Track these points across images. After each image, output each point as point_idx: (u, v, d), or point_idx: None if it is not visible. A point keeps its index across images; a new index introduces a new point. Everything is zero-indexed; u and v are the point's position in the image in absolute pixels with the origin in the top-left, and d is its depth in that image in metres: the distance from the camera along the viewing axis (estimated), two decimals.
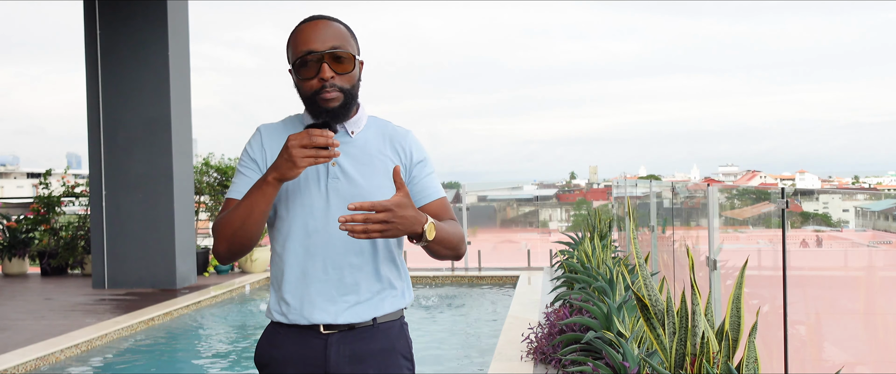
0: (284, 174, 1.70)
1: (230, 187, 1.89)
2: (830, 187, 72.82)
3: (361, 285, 1.85)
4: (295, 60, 1.79)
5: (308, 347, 1.85)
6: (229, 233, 1.78)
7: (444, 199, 1.94)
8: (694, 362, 2.76)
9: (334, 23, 1.83)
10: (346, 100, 1.80)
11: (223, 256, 1.83)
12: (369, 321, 1.86)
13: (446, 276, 9.42)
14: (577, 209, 17.36)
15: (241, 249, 1.81)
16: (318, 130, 1.68)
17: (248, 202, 1.75)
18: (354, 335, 1.85)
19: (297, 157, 1.66)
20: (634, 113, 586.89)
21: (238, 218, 1.76)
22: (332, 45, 1.77)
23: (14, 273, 10.47)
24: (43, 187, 10.77)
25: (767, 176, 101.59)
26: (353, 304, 1.85)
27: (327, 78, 1.76)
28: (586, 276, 5.69)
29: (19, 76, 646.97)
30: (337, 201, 1.83)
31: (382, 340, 1.88)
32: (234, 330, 6.94)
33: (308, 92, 1.79)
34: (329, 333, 1.85)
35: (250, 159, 1.89)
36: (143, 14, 8.66)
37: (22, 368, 5.24)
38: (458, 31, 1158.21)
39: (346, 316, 1.84)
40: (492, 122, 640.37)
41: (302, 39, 1.79)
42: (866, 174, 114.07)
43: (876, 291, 3.06)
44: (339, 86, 1.78)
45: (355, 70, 1.82)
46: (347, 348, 1.85)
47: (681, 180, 28.52)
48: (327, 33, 1.79)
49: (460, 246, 1.90)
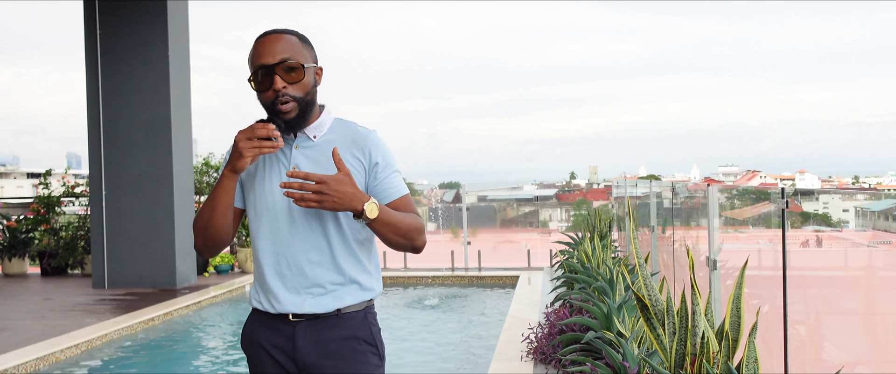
0: (234, 165, 1.90)
1: None
2: (830, 187, 72.82)
3: (323, 279, 2.00)
4: (251, 74, 1.94)
5: (280, 333, 2.03)
6: (200, 226, 2.00)
7: (406, 197, 2.04)
8: (694, 362, 2.76)
9: (285, 35, 1.95)
10: (300, 108, 1.94)
11: (200, 249, 2.05)
12: (333, 311, 2.01)
13: (446, 276, 9.42)
14: (577, 209, 17.36)
15: (214, 241, 2.01)
16: (260, 124, 1.88)
17: (211, 197, 1.97)
18: (320, 323, 2.01)
19: (243, 148, 1.87)
20: (634, 113, 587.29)
21: (206, 212, 1.98)
22: (282, 58, 1.91)
23: (14, 273, 10.47)
24: (43, 186, 10.77)
25: (767, 176, 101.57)
26: (316, 295, 2.00)
27: (279, 88, 1.90)
28: (586, 276, 5.69)
29: (19, 76, 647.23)
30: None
31: (346, 328, 2.02)
32: (233, 330, 6.94)
33: (266, 102, 1.94)
34: (297, 320, 2.01)
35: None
36: (143, 14, 8.66)
37: (22, 368, 5.24)
38: (458, 31, 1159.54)
39: (310, 306, 1.99)
40: (492, 122, 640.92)
41: (255, 54, 1.93)
42: (866, 174, 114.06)
43: (876, 291, 3.06)
44: (292, 95, 1.91)
45: (307, 78, 1.94)
46: (313, 335, 2.01)
47: (681, 180, 28.54)
48: (277, 47, 1.92)
49: (414, 236, 1.98)
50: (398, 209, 2.01)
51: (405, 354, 5.92)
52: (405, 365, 5.58)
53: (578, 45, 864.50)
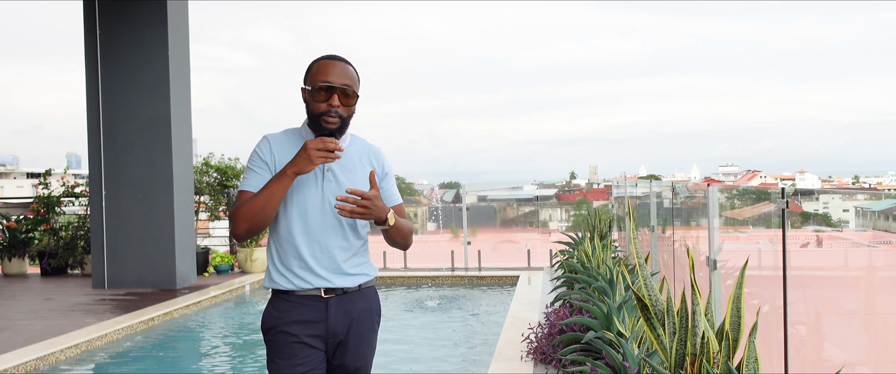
0: (302, 168, 2.29)
1: (243, 182, 2.42)
2: (830, 187, 72.78)
3: (348, 261, 2.46)
4: (313, 85, 2.34)
5: (312, 309, 2.42)
6: (251, 215, 2.31)
7: (401, 204, 2.60)
8: (694, 362, 2.76)
9: (349, 66, 2.40)
10: (342, 125, 2.38)
11: (242, 235, 2.34)
12: (356, 287, 2.48)
13: (446, 276, 9.42)
14: (577, 209, 17.36)
15: (257, 229, 2.34)
16: (329, 139, 2.30)
17: (269, 190, 2.31)
18: (347, 297, 2.47)
19: (314, 156, 2.28)
20: (634, 113, 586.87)
21: (260, 202, 2.31)
22: (345, 83, 2.36)
23: (14, 273, 10.47)
24: (43, 187, 10.77)
25: (767, 176, 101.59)
26: (344, 273, 2.45)
27: (335, 106, 2.34)
28: (586, 276, 5.69)
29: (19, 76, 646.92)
30: (330, 197, 2.42)
31: (365, 301, 2.51)
32: (233, 330, 6.94)
33: (316, 112, 2.36)
34: (329, 296, 2.43)
35: (261, 161, 2.42)
36: (143, 14, 8.66)
37: (22, 368, 5.24)
38: (457, 31, 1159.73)
39: (341, 282, 2.44)
40: (492, 122, 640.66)
41: (323, 71, 2.35)
42: (866, 174, 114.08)
43: (876, 291, 3.06)
44: (340, 114, 2.36)
45: (354, 105, 2.40)
46: (342, 307, 2.45)
47: (681, 180, 28.53)
48: (342, 72, 2.37)
49: (409, 237, 2.56)
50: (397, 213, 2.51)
51: (405, 354, 5.91)
52: (405, 365, 5.57)
53: (578, 45, 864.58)
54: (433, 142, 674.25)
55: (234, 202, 2.39)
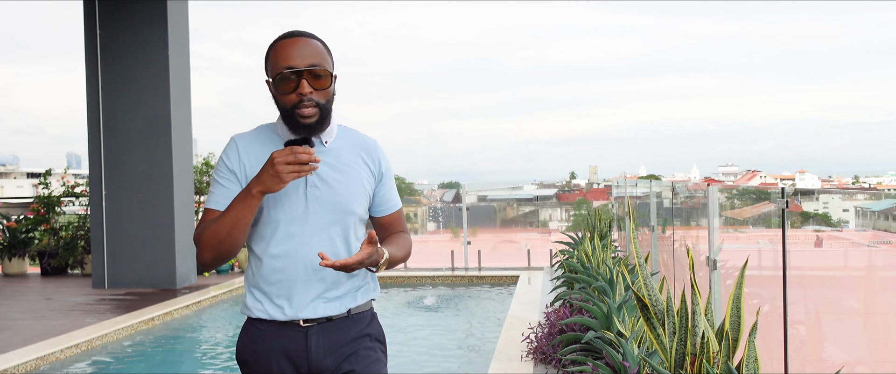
0: (269, 188, 1.82)
1: (209, 198, 1.98)
2: (830, 186, 72.84)
3: (338, 282, 2.01)
4: (274, 75, 1.89)
5: (289, 340, 1.98)
6: (215, 242, 1.88)
7: (400, 210, 2.19)
8: (694, 362, 2.76)
9: (313, 40, 1.92)
10: (321, 114, 1.91)
11: (208, 264, 1.94)
12: (345, 312, 2.02)
13: (446, 276, 9.42)
14: (577, 209, 17.36)
15: (225, 256, 1.91)
16: (301, 148, 1.80)
17: (233, 214, 1.86)
18: (332, 325, 2.01)
19: (282, 172, 1.79)
20: (634, 113, 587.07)
21: (224, 228, 1.86)
22: (311, 63, 1.87)
23: (14, 273, 10.47)
24: (43, 187, 10.77)
25: (767, 176, 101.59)
26: (330, 299, 2.00)
27: (306, 93, 1.87)
28: (586, 276, 5.69)
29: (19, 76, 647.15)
30: (316, 207, 1.97)
31: (356, 328, 2.04)
32: (233, 330, 6.94)
33: (287, 105, 1.89)
34: (308, 325, 1.99)
35: (228, 171, 1.98)
36: (143, 14, 8.66)
37: (22, 368, 5.24)
38: (457, 31, 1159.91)
39: (324, 310, 1.99)
40: (492, 122, 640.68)
41: (282, 55, 1.88)
42: (866, 174, 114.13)
43: (876, 291, 3.06)
44: (316, 101, 1.88)
45: (331, 86, 1.92)
46: (326, 338, 2.00)
47: (681, 180, 28.54)
48: (306, 51, 1.88)
49: (406, 259, 2.14)
50: (395, 222, 2.15)
51: (405, 354, 5.92)
52: (405, 365, 5.58)
53: (578, 45, 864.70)
54: (433, 142, 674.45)
55: (198, 224, 1.96)
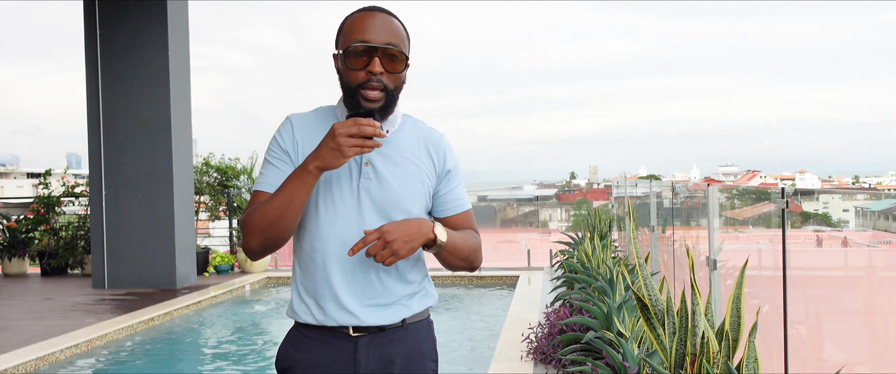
0: (329, 163, 1.64)
1: (259, 179, 1.80)
2: (830, 186, 72.84)
3: (391, 288, 1.82)
4: (346, 47, 1.72)
5: (337, 349, 1.81)
6: (264, 226, 1.69)
7: (469, 211, 1.93)
8: (694, 362, 2.76)
9: (393, 19, 1.76)
10: (387, 100, 1.73)
11: (255, 251, 1.75)
12: (399, 322, 1.83)
13: (446, 276, 9.41)
14: (577, 209, 17.36)
15: (274, 243, 1.73)
16: (366, 120, 1.63)
17: (286, 192, 1.67)
18: (384, 336, 1.82)
19: (344, 145, 1.61)
20: (634, 113, 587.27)
21: (275, 209, 1.68)
22: (388, 42, 1.71)
23: (14, 273, 10.47)
24: (43, 187, 10.77)
25: (767, 176, 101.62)
26: (382, 306, 1.81)
27: (377, 72, 1.70)
28: (586, 276, 5.69)
29: (19, 76, 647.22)
30: (368, 202, 1.78)
31: (411, 341, 1.85)
32: (233, 330, 6.94)
33: (353, 83, 1.72)
34: (358, 335, 1.81)
35: (281, 150, 1.80)
36: (143, 14, 8.66)
37: (22, 368, 5.24)
38: (457, 31, 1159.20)
39: (376, 318, 1.80)
40: (492, 122, 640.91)
41: (358, 28, 1.72)
42: (866, 174, 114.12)
43: (876, 291, 3.06)
44: (385, 83, 1.72)
45: (404, 71, 1.76)
46: (377, 350, 1.81)
47: (681, 180, 28.53)
48: (385, 28, 1.72)
49: (474, 257, 1.89)
50: (461, 224, 1.91)
51: None
52: None
53: (578, 45, 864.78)
54: None
55: (246, 207, 1.78)
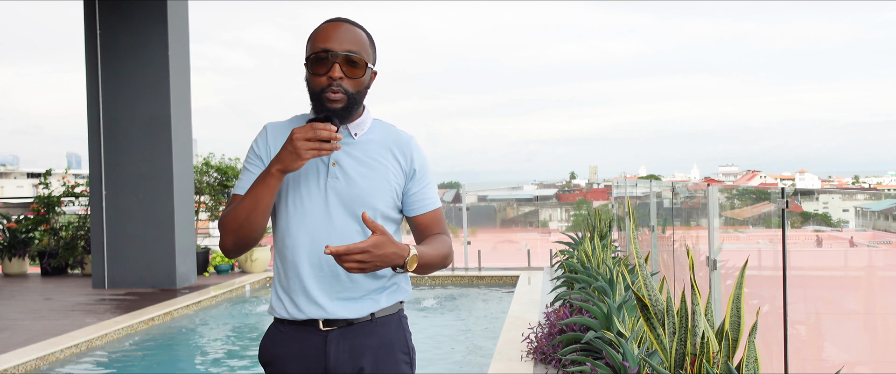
0: (288, 166, 1.76)
1: (236, 184, 1.94)
2: (830, 186, 72.84)
3: (359, 282, 1.90)
4: (310, 55, 1.84)
5: (308, 343, 1.91)
6: (235, 226, 1.83)
7: (438, 210, 2.01)
8: (694, 362, 2.76)
9: (356, 28, 1.87)
10: (349, 103, 1.83)
11: (229, 249, 1.88)
12: (367, 316, 1.92)
13: (446, 276, 9.41)
14: (577, 209, 17.35)
15: (246, 242, 1.85)
16: (322, 124, 1.75)
17: (252, 195, 1.80)
18: (353, 330, 1.91)
19: (301, 149, 1.73)
20: (634, 113, 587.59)
21: (243, 211, 1.81)
22: (349, 49, 1.82)
23: (14, 273, 10.47)
24: (43, 186, 10.77)
25: (767, 176, 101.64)
26: (351, 299, 1.90)
27: (336, 77, 1.81)
28: (586, 276, 5.69)
29: (19, 76, 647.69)
30: (335, 199, 1.88)
31: (381, 335, 1.94)
32: (233, 330, 6.94)
33: (316, 88, 1.83)
34: (328, 329, 1.90)
35: (256, 156, 1.94)
36: (143, 14, 8.66)
37: (22, 368, 5.24)
38: (457, 31, 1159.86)
39: (344, 311, 1.89)
40: (492, 122, 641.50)
41: (321, 37, 1.84)
42: (866, 174, 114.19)
43: (876, 291, 3.06)
44: (345, 88, 1.82)
45: (365, 77, 1.86)
46: (346, 343, 1.90)
47: (681, 180, 28.54)
48: (346, 36, 1.84)
49: (445, 262, 1.97)
50: (431, 222, 1.99)
51: None
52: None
53: (578, 45, 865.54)
54: (432, 142, 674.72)
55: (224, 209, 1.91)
